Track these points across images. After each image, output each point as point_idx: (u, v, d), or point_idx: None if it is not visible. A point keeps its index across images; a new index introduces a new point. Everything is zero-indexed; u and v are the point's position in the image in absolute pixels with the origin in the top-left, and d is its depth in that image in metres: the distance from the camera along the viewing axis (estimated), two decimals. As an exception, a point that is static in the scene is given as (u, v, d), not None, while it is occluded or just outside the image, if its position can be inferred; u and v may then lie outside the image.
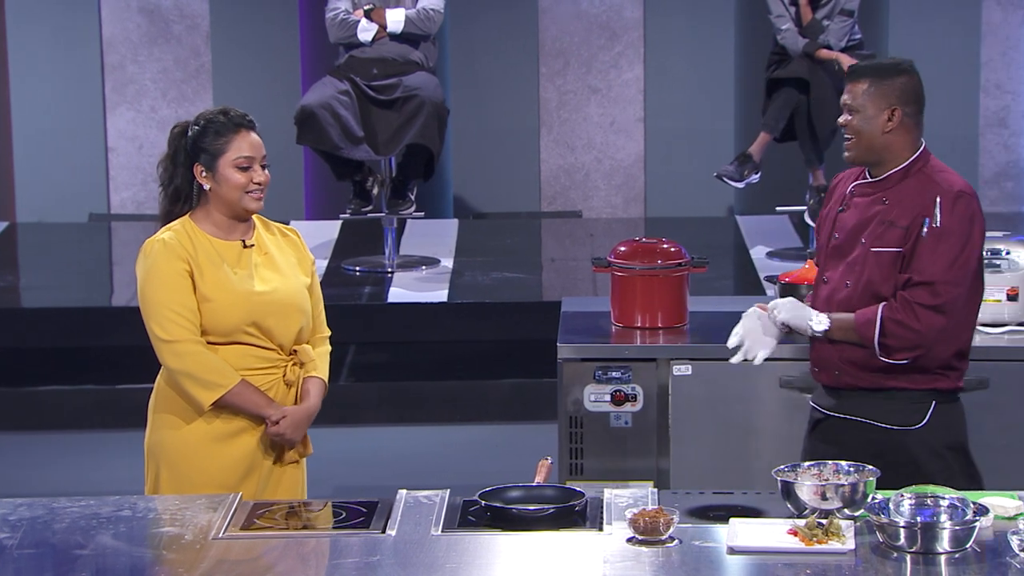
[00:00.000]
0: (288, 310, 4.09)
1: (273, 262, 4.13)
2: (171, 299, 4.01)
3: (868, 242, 4.06)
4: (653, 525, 3.52)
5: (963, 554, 3.43)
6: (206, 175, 4.07)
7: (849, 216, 4.12)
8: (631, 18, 9.71)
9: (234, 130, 4.06)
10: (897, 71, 4.07)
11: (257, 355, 4.08)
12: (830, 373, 4.18)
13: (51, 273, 8.55)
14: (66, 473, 6.70)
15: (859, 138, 4.08)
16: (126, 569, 3.50)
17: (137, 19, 9.65)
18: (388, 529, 3.64)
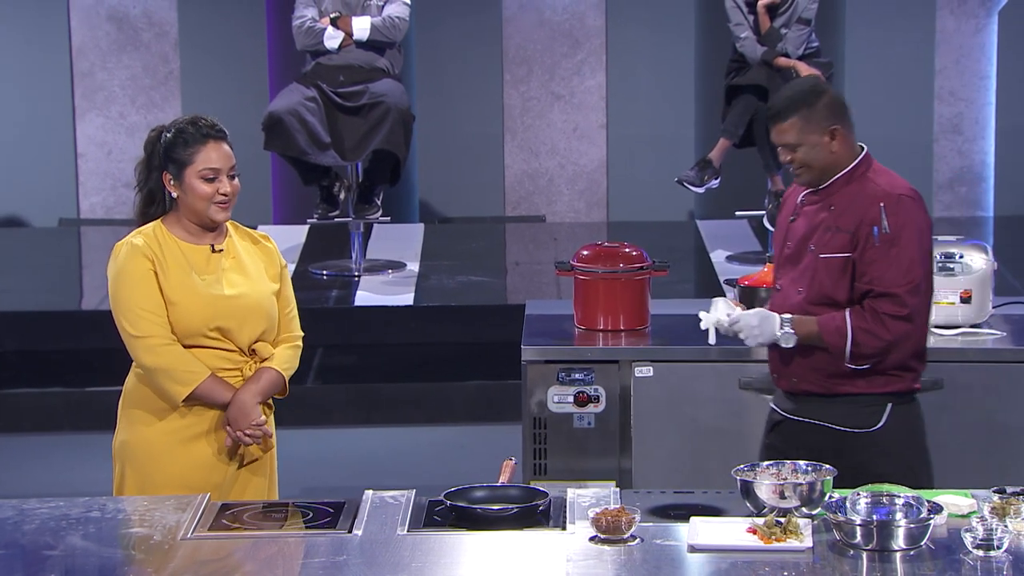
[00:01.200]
0: (251, 314, 4.11)
1: (242, 266, 4.14)
2: (141, 298, 4.04)
3: (817, 249, 4.09)
4: (615, 524, 3.56)
5: (918, 551, 3.47)
6: (174, 184, 4.09)
7: (799, 225, 4.16)
8: (593, 26, 9.76)
9: (202, 140, 4.08)
10: (817, 93, 4.11)
11: (218, 356, 4.10)
12: (787, 380, 4.21)
13: (21, 277, 8.53)
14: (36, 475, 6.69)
15: (809, 167, 4.10)
16: (95, 570, 3.51)
17: (106, 27, 9.65)
18: (355, 529, 3.66)
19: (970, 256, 5.06)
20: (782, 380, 4.23)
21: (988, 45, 9.76)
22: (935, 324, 5.04)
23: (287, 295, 4.25)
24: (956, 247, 5.09)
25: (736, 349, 4.94)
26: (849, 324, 4.04)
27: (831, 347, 4.07)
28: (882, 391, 4.11)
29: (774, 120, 4.09)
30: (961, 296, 5.02)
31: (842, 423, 4.13)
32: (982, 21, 9.76)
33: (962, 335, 5.02)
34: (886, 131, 9.65)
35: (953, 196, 9.75)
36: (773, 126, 4.10)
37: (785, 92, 4.13)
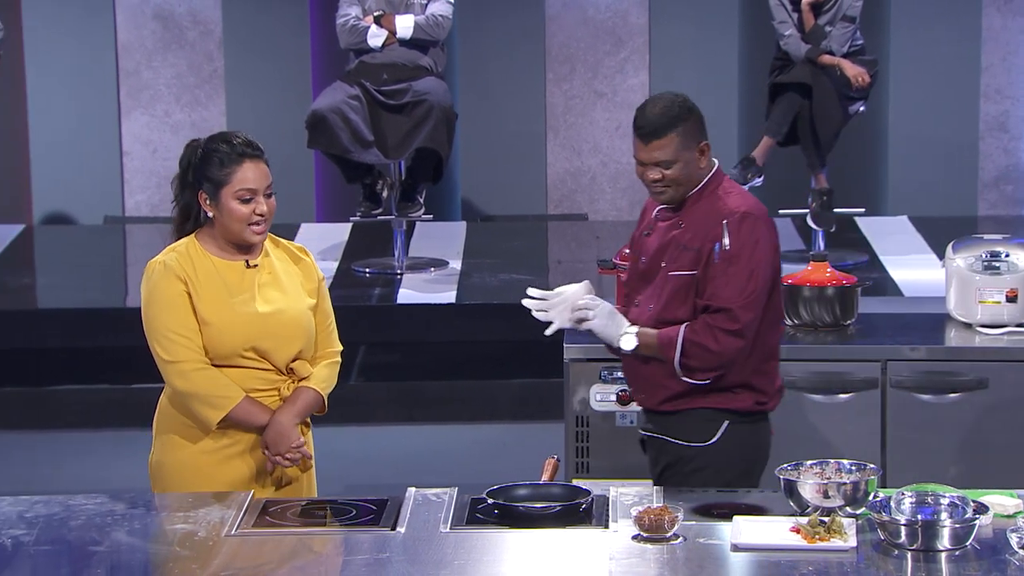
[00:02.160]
0: (289, 332, 4.01)
1: (278, 282, 4.04)
2: (173, 321, 3.97)
3: (667, 266, 4.07)
4: (658, 523, 3.55)
5: (963, 551, 3.46)
6: (210, 203, 3.99)
7: (652, 240, 4.13)
8: (636, 24, 9.74)
9: (238, 160, 3.96)
10: (689, 108, 4.08)
11: (255, 376, 4.00)
12: (639, 396, 4.19)
13: (67, 275, 8.58)
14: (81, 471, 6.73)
15: (679, 185, 4.05)
16: (140, 565, 3.54)
17: (151, 25, 9.70)
18: (397, 526, 3.67)
19: (1016, 255, 5.04)
20: (636, 397, 4.22)
21: (1035, 42, 9.69)
22: (981, 323, 5.02)
23: (325, 309, 4.14)
24: (1002, 246, 5.07)
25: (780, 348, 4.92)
26: (681, 335, 4.01)
27: (664, 358, 4.04)
28: (719, 407, 4.08)
29: (650, 137, 4.02)
30: (1007, 295, 5.00)
31: (684, 437, 4.11)
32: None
33: (1008, 334, 5.00)
34: (931, 130, 9.59)
35: (999, 194, 9.68)
36: (647, 143, 4.02)
37: (658, 108, 4.03)
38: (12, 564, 3.51)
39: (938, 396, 4.90)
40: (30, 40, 9.60)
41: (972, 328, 5.04)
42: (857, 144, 8.85)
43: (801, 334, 5.01)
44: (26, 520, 3.75)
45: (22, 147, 9.65)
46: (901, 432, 4.90)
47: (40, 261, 9.20)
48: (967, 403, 4.86)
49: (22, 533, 3.68)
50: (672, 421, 4.12)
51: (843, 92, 7.96)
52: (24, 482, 6.47)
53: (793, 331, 5.04)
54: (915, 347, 4.90)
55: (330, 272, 7.95)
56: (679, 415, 4.11)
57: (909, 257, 8.40)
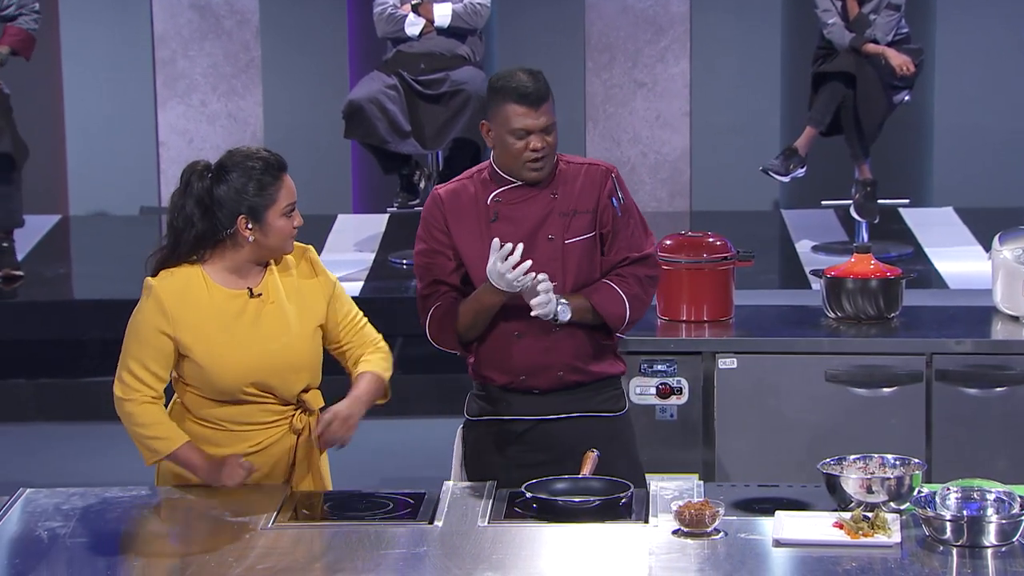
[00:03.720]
0: (293, 366, 3.88)
1: (282, 311, 3.88)
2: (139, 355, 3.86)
3: (556, 237, 3.98)
4: (699, 517, 3.53)
5: (1009, 547, 3.42)
6: (252, 227, 3.82)
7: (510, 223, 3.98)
8: (677, 12, 9.70)
9: (278, 176, 3.84)
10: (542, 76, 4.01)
11: (262, 409, 3.90)
12: (551, 375, 4.04)
13: (103, 265, 8.62)
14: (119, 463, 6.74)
15: (552, 151, 4.00)
16: (176, 558, 3.52)
17: (188, 14, 9.72)
18: (435, 520, 3.66)
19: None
20: (540, 378, 4.04)
21: (1088, 30, 9.60)
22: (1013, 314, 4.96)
23: (347, 310, 4.02)
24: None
25: (821, 341, 4.90)
26: (621, 291, 4.01)
27: (609, 316, 4.01)
28: (618, 372, 4.14)
29: (538, 101, 3.94)
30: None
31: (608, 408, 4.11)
32: (1079, 4, 9.61)
33: (1047, 327, 4.94)
34: (979, 119, 9.51)
35: (1048, 185, 9.60)
36: (538, 107, 3.94)
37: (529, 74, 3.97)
38: (49, 556, 3.52)
39: (984, 390, 4.85)
40: (66, 30, 9.63)
41: (1019, 321, 4.99)
42: (902, 134, 8.79)
43: (844, 327, 4.97)
44: (63, 512, 3.76)
45: (58, 138, 9.68)
46: (946, 426, 4.85)
47: (76, 252, 9.23)
48: (1014, 397, 4.80)
49: (59, 525, 3.68)
50: (585, 394, 4.08)
51: (888, 81, 7.91)
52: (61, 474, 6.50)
53: (836, 324, 5.00)
54: (960, 340, 4.84)
55: (366, 263, 7.94)
56: (590, 386, 4.08)
57: (954, 249, 8.34)
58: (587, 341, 4.05)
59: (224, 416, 3.91)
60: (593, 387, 4.10)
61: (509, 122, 3.95)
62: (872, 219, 8.11)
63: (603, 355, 4.09)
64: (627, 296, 4.02)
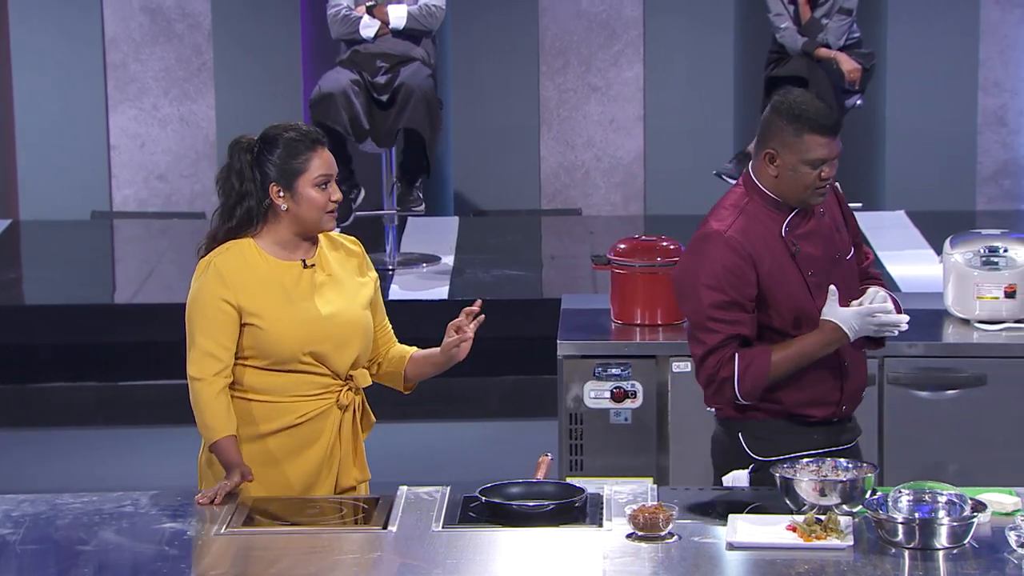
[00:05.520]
0: (348, 336, 3.93)
1: (337, 282, 3.96)
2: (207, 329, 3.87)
3: (840, 257, 3.98)
4: (653, 521, 3.53)
5: (961, 550, 3.44)
6: (283, 195, 3.87)
7: (808, 250, 3.93)
8: (631, 17, 9.72)
9: (312, 147, 3.87)
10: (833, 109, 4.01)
11: (312, 381, 3.92)
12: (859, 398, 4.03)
13: (54, 270, 8.55)
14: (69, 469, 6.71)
15: None
16: (129, 565, 3.51)
17: (139, 18, 9.66)
18: (389, 525, 3.65)
19: (1014, 250, 5.02)
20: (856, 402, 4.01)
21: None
22: (979, 319, 4.99)
23: (381, 306, 4.08)
24: (1000, 241, 5.04)
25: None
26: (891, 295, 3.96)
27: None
28: None
29: (833, 132, 3.90)
30: (1005, 291, 4.97)
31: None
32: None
33: (1006, 330, 4.97)
34: (929, 123, 9.57)
35: (997, 189, 9.67)
36: (832, 138, 3.89)
37: (819, 103, 3.92)
38: (-3, 564, 3.48)
39: (936, 393, 4.88)
40: (16, 33, 9.56)
41: (970, 324, 5.02)
42: (854, 138, 8.82)
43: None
44: (12, 519, 3.73)
45: (8, 141, 9.61)
46: (898, 429, 4.88)
47: (27, 257, 9.17)
48: (965, 400, 4.83)
49: (8, 532, 3.65)
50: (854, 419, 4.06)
51: (840, 85, 7.95)
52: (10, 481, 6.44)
53: (789, 327, 5.00)
54: (913, 343, 4.87)
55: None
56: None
57: (906, 252, 8.39)
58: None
59: (274, 386, 3.92)
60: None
61: (808, 152, 3.87)
62: (824, 222, 8.14)
63: None
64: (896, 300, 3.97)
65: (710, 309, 3.85)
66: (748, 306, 3.87)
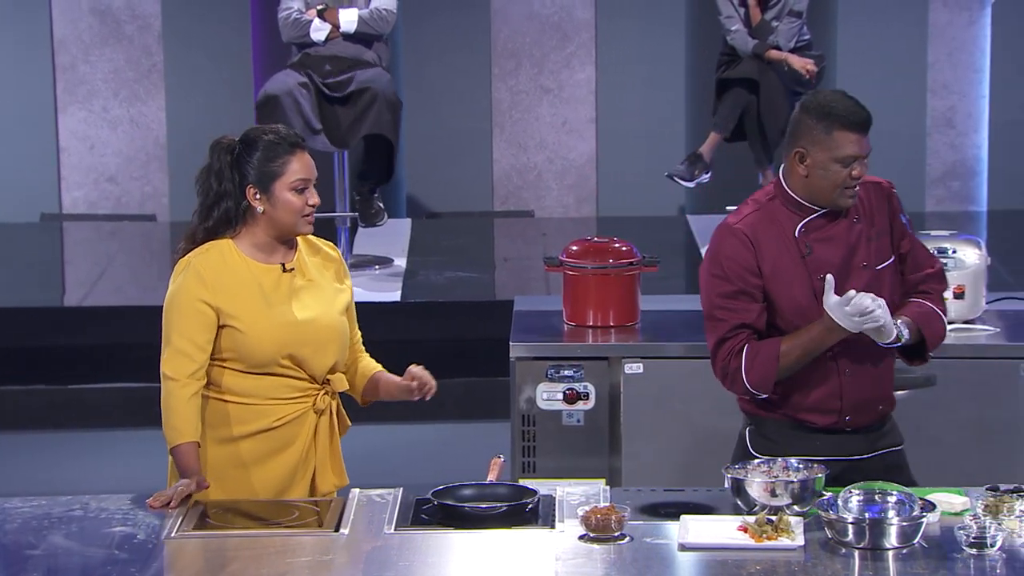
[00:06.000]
0: (326, 340, 3.94)
1: (316, 287, 3.97)
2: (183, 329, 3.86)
3: (870, 264, 3.89)
4: (605, 522, 3.54)
5: (911, 549, 3.46)
6: (260, 198, 3.88)
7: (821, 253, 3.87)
8: (582, 19, 9.75)
9: (291, 151, 3.87)
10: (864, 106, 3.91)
11: (289, 385, 3.93)
12: (873, 410, 3.96)
13: (3, 273, 8.50)
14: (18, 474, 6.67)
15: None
16: (78, 569, 3.49)
17: (88, 19, 9.61)
18: (341, 528, 3.64)
19: (963, 251, 5.05)
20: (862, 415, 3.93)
21: (981, 38, 9.75)
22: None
23: (355, 313, 4.10)
24: (949, 242, 5.08)
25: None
26: (938, 310, 3.91)
27: (932, 337, 3.91)
28: None
29: (864, 129, 3.84)
30: (954, 292, 5.00)
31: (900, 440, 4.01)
32: (975, 14, 9.76)
33: (955, 331, 5.00)
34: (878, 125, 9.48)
35: (946, 190, 9.75)
36: (862, 135, 3.83)
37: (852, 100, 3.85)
38: (-55, 569, 3.46)
39: (885, 393, 4.89)
40: (-36, 35, 9.49)
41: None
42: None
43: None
44: (-40, 524, 3.70)
45: (-43, 144, 9.55)
46: (848, 429, 4.89)
47: (-25, 259, 9.10)
48: (914, 401, 4.86)
49: (-45, 537, 3.62)
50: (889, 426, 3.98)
51: (790, 87, 7.99)
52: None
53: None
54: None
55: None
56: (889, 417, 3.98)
57: (856, 254, 8.42)
58: (893, 367, 3.96)
59: (252, 388, 3.92)
60: (890, 417, 3.99)
61: (839, 149, 3.81)
62: (776, 224, 8.18)
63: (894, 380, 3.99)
64: (942, 313, 3.92)
65: (717, 299, 3.88)
66: (756, 295, 3.86)
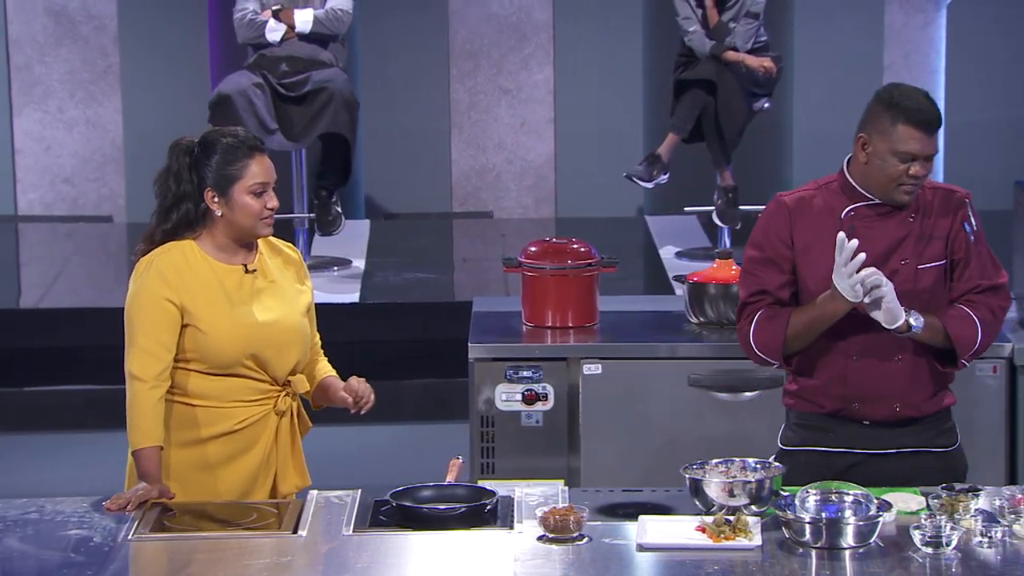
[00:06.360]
0: (288, 341, 3.95)
1: (277, 288, 3.97)
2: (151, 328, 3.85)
3: (910, 261, 3.85)
4: (563, 523, 3.55)
5: (867, 549, 3.48)
6: (218, 201, 3.87)
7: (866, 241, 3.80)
8: (541, 20, 9.76)
9: (249, 154, 3.87)
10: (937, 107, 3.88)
11: (251, 387, 3.94)
12: (886, 406, 3.90)
13: (-43, 275, 8.47)
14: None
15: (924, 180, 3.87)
16: (33, 572, 3.47)
17: (43, 20, 9.56)
18: (299, 529, 3.64)
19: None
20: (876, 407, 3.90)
21: (937, 40, 9.82)
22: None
23: (314, 315, 4.10)
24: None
25: (685, 346, 4.96)
26: (974, 316, 3.84)
27: (959, 338, 3.82)
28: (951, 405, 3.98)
29: (928, 129, 3.80)
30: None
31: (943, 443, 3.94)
32: (930, 16, 9.83)
33: (910, 331, 5.01)
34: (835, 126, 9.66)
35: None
36: (932, 134, 3.80)
37: (925, 97, 3.81)
38: (-101, 574, 3.43)
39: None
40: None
41: (875, 324, 5.07)
42: (761, 140, 8.92)
43: (707, 332, 5.04)
44: (-86, 527, 3.68)
45: (-89, 145, 9.49)
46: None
47: (-70, 261, 9.05)
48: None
49: (-91, 541, 3.60)
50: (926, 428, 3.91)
51: (747, 88, 8.02)
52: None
53: (699, 329, 5.06)
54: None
55: (231, 271, 7.88)
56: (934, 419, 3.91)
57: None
58: (927, 370, 3.88)
59: (214, 391, 3.92)
60: (927, 421, 3.93)
61: (899, 143, 3.80)
62: (734, 225, 8.22)
63: (939, 388, 3.91)
64: (979, 320, 3.83)
65: (747, 264, 3.92)
66: (783, 266, 3.87)
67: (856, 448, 3.95)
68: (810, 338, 3.87)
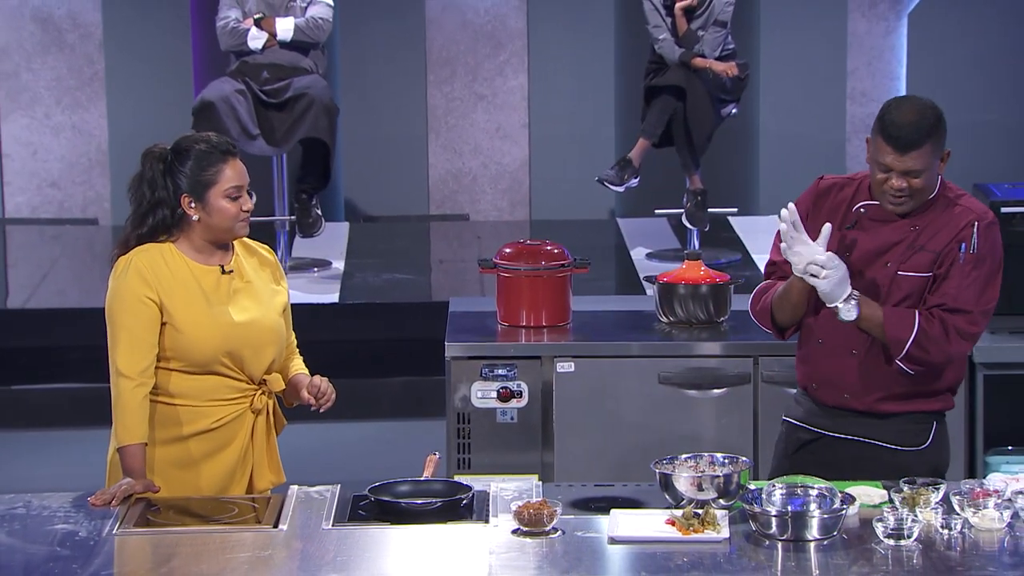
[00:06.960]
0: (265, 341, 3.97)
1: (252, 289, 3.99)
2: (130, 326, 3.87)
3: (893, 266, 3.89)
4: (537, 517, 3.59)
5: (831, 541, 3.53)
6: (195, 206, 3.90)
7: (865, 237, 3.90)
8: (515, 28, 9.80)
9: (223, 159, 3.89)
10: (939, 118, 3.84)
11: (228, 385, 3.96)
12: (836, 395, 3.98)
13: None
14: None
15: (920, 193, 3.86)
16: (20, 565, 3.49)
17: (30, 27, 9.58)
18: (280, 524, 3.67)
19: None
20: (827, 392, 3.99)
21: (898, 47, 9.90)
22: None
23: (290, 315, 4.13)
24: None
25: (656, 344, 5.02)
26: (917, 321, 3.84)
27: (889, 338, 3.84)
28: (931, 410, 3.99)
29: (908, 148, 3.78)
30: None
31: (892, 441, 3.96)
32: (892, 24, 9.91)
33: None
34: (799, 130, 9.77)
35: (865, 194, 9.87)
36: (904, 153, 3.79)
37: (912, 115, 3.78)
38: None
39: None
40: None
41: (841, 324, 5.12)
42: (730, 145, 8.97)
43: (676, 331, 5.07)
44: (-98, 523, 3.68)
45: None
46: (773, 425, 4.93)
47: (-82, 263, 9.05)
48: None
49: (-102, 537, 3.61)
50: (880, 424, 3.95)
51: (716, 94, 8.08)
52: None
53: (669, 328, 5.09)
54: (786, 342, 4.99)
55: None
56: (892, 417, 3.95)
57: (781, 255, 8.50)
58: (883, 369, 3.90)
59: (190, 390, 3.94)
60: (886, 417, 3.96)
61: (877, 153, 3.84)
62: (703, 227, 8.27)
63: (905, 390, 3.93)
64: (920, 328, 3.82)
65: (776, 238, 3.98)
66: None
67: (812, 426, 4.04)
68: (788, 310, 3.96)
